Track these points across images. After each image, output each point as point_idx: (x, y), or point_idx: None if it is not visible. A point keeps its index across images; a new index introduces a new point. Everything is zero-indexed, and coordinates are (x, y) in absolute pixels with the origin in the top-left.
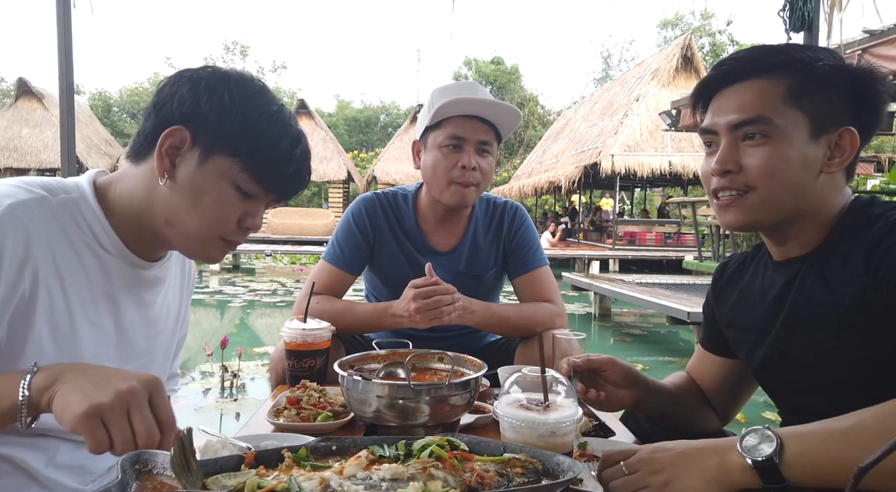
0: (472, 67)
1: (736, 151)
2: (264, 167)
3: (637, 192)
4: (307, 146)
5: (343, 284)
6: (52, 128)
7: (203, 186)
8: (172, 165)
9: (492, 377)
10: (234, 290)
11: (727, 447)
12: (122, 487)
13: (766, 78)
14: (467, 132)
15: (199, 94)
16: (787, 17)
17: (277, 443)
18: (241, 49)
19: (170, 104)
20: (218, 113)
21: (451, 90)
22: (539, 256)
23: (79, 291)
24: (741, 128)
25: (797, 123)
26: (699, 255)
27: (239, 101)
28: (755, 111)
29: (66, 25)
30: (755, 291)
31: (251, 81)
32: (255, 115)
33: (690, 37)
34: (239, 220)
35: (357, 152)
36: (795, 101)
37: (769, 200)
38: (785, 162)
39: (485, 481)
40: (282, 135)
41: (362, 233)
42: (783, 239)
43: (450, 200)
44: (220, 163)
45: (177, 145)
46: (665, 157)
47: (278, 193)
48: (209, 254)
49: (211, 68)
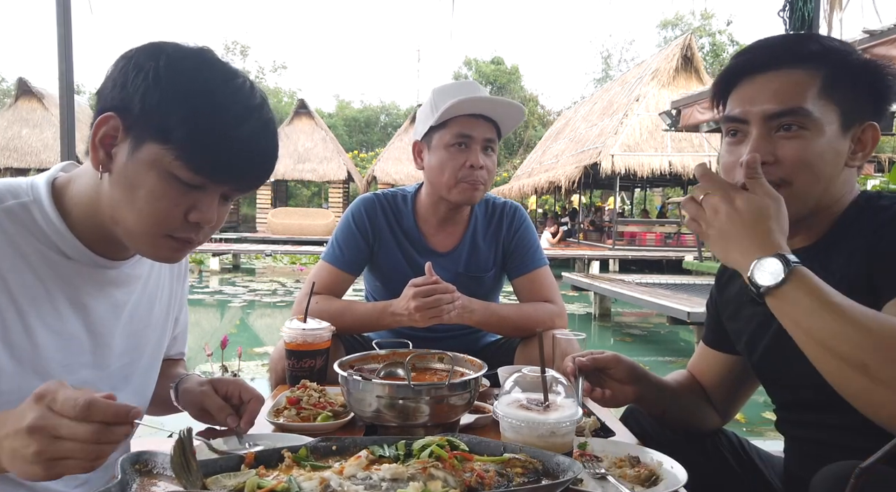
0: (472, 67)
1: (770, 141)
2: (200, 153)
3: (637, 192)
4: (262, 125)
5: (343, 284)
6: (52, 128)
7: (136, 178)
8: (109, 157)
9: (492, 377)
10: (234, 290)
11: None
12: (122, 487)
13: (802, 68)
14: (474, 131)
15: (127, 74)
16: (787, 17)
17: (270, 443)
18: (242, 49)
19: (104, 89)
20: (142, 93)
21: (454, 90)
22: (539, 256)
23: (34, 302)
24: (778, 118)
25: (830, 115)
26: (699, 255)
27: (166, 76)
28: (794, 102)
29: (66, 25)
30: None
31: (190, 53)
32: (186, 91)
33: (690, 37)
34: (186, 214)
35: (357, 152)
36: (829, 93)
37: (803, 193)
38: (820, 156)
39: (485, 481)
40: (219, 114)
41: (362, 233)
42: (794, 230)
43: (457, 198)
44: (151, 151)
45: (111, 134)
46: (665, 157)
47: (227, 182)
48: (158, 253)
49: (151, 44)
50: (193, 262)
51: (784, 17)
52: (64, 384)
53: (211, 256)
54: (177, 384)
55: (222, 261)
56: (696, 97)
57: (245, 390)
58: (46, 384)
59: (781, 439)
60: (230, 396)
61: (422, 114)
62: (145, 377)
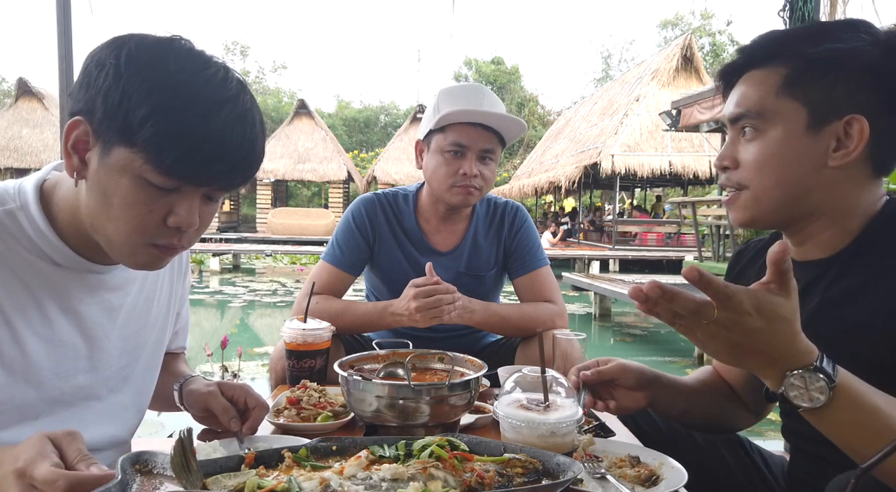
0: (473, 67)
1: (736, 145)
2: (168, 154)
3: (637, 192)
4: (235, 118)
5: (343, 284)
6: (52, 128)
7: (108, 186)
8: (83, 163)
9: (492, 377)
10: (234, 290)
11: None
12: (122, 487)
13: (764, 68)
14: (471, 140)
15: (90, 73)
16: (787, 17)
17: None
18: (242, 49)
19: (73, 91)
20: (104, 94)
21: (458, 96)
22: (540, 256)
23: (22, 311)
24: (737, 122)
25: (792, 114)
26: (699, 255)
27: (126, 72)
28: (746, 105)
29: (66, 25)
30: None
31: (154, 44)
32: (148, 87)
33: (690, 37)
34: (165, 219)
35: (357, 152)
36: (790, 91)
37: (759, 197)
38: (772, 157)
39: (485, 481)
40: (185, 109)
41: (362, 233)
42: (801, 238)
43: (451, 200)
44: (119, 155)
45: (83, 139)
46: (665, 157)
47: (204, 183)
48: (137, 260)
49: (114, 38)
50: (194, 262)
51: (784, 16)
52: (45, 455)
53: (211, 256)
54: (181, 385)
55: (222, 261)
56: (696, 97)
57: (251, 397)
58: (26, 457)
59: (782, 438)
60: (236, 400)
61: (426, 114)
62: (145, 377)
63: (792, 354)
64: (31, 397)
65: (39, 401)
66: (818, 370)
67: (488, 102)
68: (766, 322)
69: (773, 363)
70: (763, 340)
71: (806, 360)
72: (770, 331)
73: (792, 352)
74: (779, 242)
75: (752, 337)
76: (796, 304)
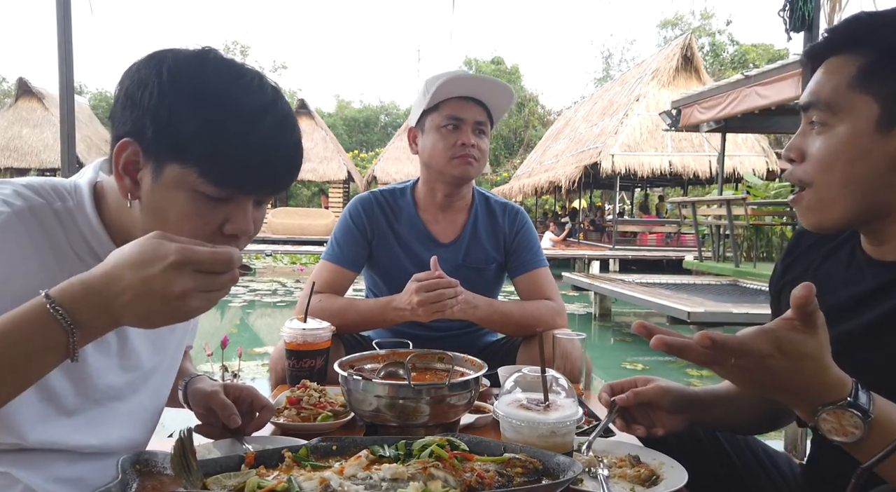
0: (473, 67)
1: (804, 137)
2: (221, 166)
3: (637, 192)
4: (278, 122)
5: (344, 281)
6: (52, 128)
7: (164, 203)
8: (135, 184)
9: (492, 377)
10: (234, 290)
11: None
12: (123, 487)
13: (842, 55)
14: (464, 113)
15: (133, 93)
16: (787, 16)
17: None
18: (242, 49)
19: (115, 112)
20: (152, 113)
21: (444, 75)
22: (539, 256)
23: None
24: (806, 112)
25: (864, 109)
26: (699, 255)
27: (171, 90)
28: (818, 94)
29: (66, 25)
30: (835, 277)
31: (190, 58)
32: (193, 102)
33: (690, 37)
34: (221, 228)
35: (357, 152)
36: (865, 83)
37: (824, 198)
38: (838, 154)
39: (485, 481)
40: (232, 119)
41: (360, 230)
42: (879, 238)
43: (453, 172)
44: (173, 172)
45: (133, 160)
46: (665, 157)
47: (256, 189)
48: None
49: (151, 55)
50: None
51: (784, 16)
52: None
53: None
54: (186, 383)
55: None
56: (696, 97)
57: (258, 399)
58: (176, 248)
59: (782, 439)
60: (241, 400)
61: (415, 102)
62: (164, 379)
63: (822, 390)
64: (69, 393)
65: (75, 396)
66: (851, 406)
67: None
68: (790, 361)
69: (802, 399)
70: (789, 378)
71: (838, 394)
72: (795, 369)
73: (822, 388)
74: (803, 284)
75: (778, 376)
76: (823, 339)
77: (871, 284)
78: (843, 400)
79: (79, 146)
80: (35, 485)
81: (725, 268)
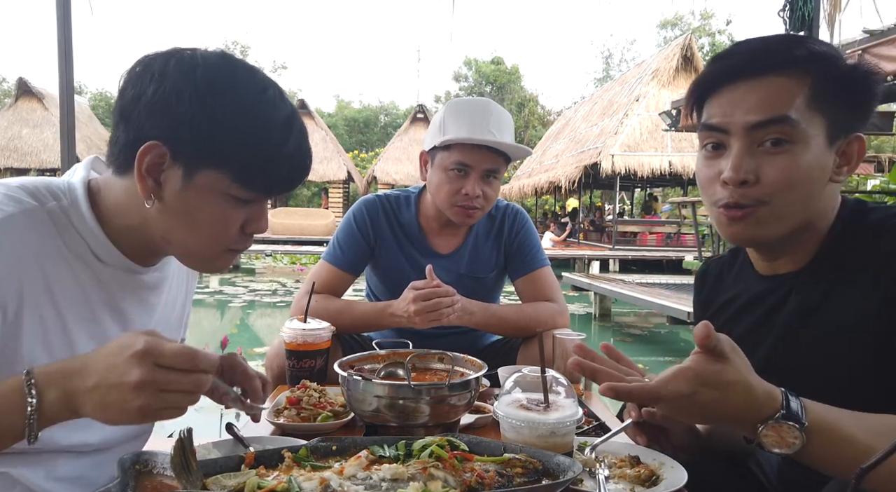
0: (472, 67)
1: (754, 157)
2: (255, 173)
3: (637, 192)
4: (300, 131)
5: (342, 284)
6: (52, 128)
7: (195, 205)
8: (157, 184)
9: (492, 377)
10: (234, 290)
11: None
12: (123, 487)
13: (788, 74)
14: (474, 161)
15: (167, 98)
16: (787, 17)
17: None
18: (242, 49)
19: (137, 112)
20: (190, 121)
21: (465, 115)
22: (540, 256)
23: (75, 308)
24: (763, 129)
25: (817, 127)
26: (699, 255)
27: (210, 100)
28: (781, 110)
29: (66, 25)
30: (739, 302)
31: (221, 66)
32: (232, 115)
33: (690, 37)
34: (242, 226)
35: (357, 152)
36: (817, 102)
37: (780, 213)
38: (806, 172)
39: (485, 481)
40: (268, 131)
41: (363, 234)
42: (775, 254)
43: (453, 218)
44: (207, 177)
45: (157, 162)
46: (665, 157)
47: (277, 192)
48: (215, 265)
49: (176, 58)
50: None
51: (784, 16)
52: (157, 333)
53: None
54: None
55: None
56: None
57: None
58: (144, 339)
59: None
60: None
61: (431, 126)
62: None
63: (754, 409)
64: None
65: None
66: (786, 417)
67: (495, 122)
68: (716, 391)
69: (740, 421)
70: (721, 407)
71: (771, 407)
72: (724, 397)
73: (753, 406)
74: (701, 324)
75: (709, 408)
76: (739, 363)
77: (772, 300)
78: (777, 413)
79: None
80: (35, 484)
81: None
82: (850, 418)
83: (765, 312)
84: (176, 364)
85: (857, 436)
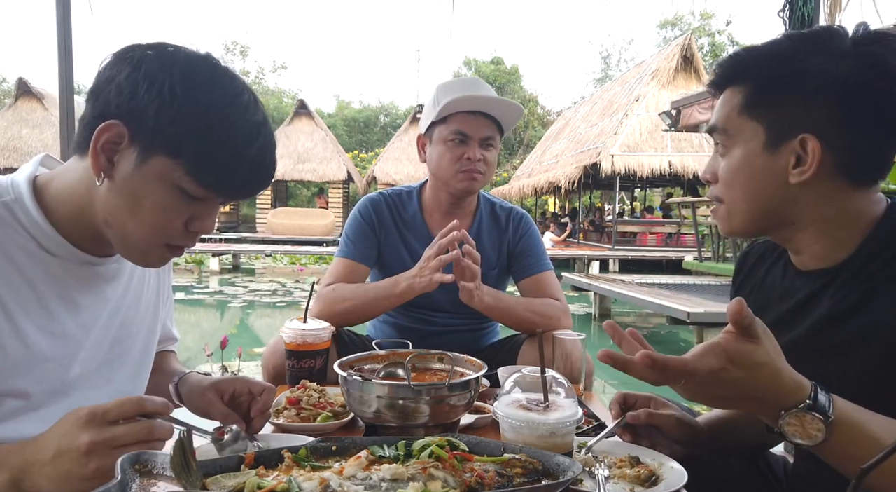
0: (472, 68)
1: (714, 160)
2: (211, 169)
3: (637, 192)
4: (267, 141)
5: (359, 275)
6: (52, 128)
7: (142, 189)
8: (110, 163)
9: (492, 377)
10: (234, 290)
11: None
12: (122, 487)
13: (731, 87)
14: (471, 129)
15: (138, 83)
16: (786, 17)
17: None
18: (241, 49)
19: (107, 92)
20: (156, 107)
21: (456, 86)
22: (544, 260)
23: (23, 302)
24: (712, 136)
25: (753, 132)
26: (699, 255)
27: (181, 92)
28: (715, 121)
29: (66, 25)
30: (774, 291)
31: (202, 65)
32: (201, 109)
33: (690, 37)
34: (186, 223)
35: (357, 152)
36: (751, 110)
37: (732, 211)
38: (736, 173)
39: (485, 481)
40: (232, 132)
41: (370, 226)
42: (793, 248)
43: (457, 186)
44: (160, 164)
45: (114, 141)
46: (665, 157)
47: (230, 196)
48: (148, 259)
49: (156, 49)
50: (193, 262)
51: (784, 17)
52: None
53: (211, 256)
54: (177, 383)
55: (222, 261)
56: (695, 97)
57: (254, 386)
58: (89, 406)
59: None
60: (239, 394)
61: (426, 109)
62: (141, 363)
63: (780, 395)
64: (33, 389)
65: (41, 392)
66: (812, 408)
67: (485, 90)
68: (744, 371)
69: (764, 405)
70: (746, 388)
71: (798, 396)
72: (750, 378)
73: (780, 392)
74: (735, 300)
75: (734, 387)
76: (770, 346)
77: (802, 294)
78: (803, 403)
79: None
80: None
81: (725, 268)
82: (878, 420)
83: (795, 305)
84: (123, 413)
85: (881, 438)
